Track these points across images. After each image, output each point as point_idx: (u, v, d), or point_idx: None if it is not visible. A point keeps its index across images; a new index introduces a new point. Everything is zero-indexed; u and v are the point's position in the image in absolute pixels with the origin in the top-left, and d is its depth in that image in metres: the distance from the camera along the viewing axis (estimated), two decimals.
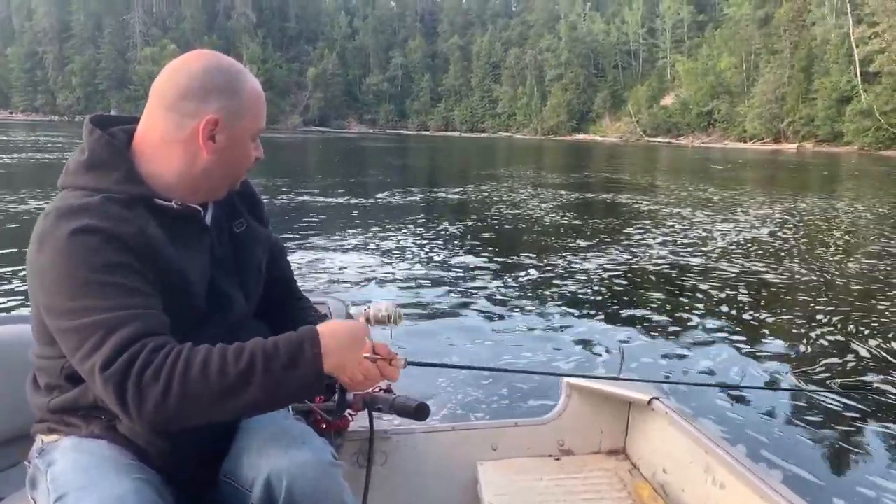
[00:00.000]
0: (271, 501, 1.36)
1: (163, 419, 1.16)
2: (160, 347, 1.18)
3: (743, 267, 9.04)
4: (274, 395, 1.20)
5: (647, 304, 6.95)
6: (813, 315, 6.60)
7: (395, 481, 2.07)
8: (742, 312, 6.71)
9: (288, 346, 1.21)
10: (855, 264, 9.43)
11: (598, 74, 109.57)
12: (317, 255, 9.03)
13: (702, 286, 7.79)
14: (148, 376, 1.14)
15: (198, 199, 1.41)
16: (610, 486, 2.04)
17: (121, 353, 1.15)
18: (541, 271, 8.42)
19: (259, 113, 1.40)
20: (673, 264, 9.13)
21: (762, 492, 1.51)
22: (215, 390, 1.16)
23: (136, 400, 1.14)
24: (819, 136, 67.26)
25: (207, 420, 1.20)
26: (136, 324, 1.19)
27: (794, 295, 7.49)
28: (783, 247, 10.82)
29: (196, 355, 1.18)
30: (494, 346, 5.48)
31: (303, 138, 68.05)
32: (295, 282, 1.74)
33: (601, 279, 8.06)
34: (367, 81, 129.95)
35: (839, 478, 3.52)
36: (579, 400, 2.20)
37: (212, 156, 1.35)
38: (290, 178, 21.29)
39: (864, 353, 5.41)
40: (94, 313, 1.18)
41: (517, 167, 31.45)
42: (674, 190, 21.10)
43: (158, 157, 1.35)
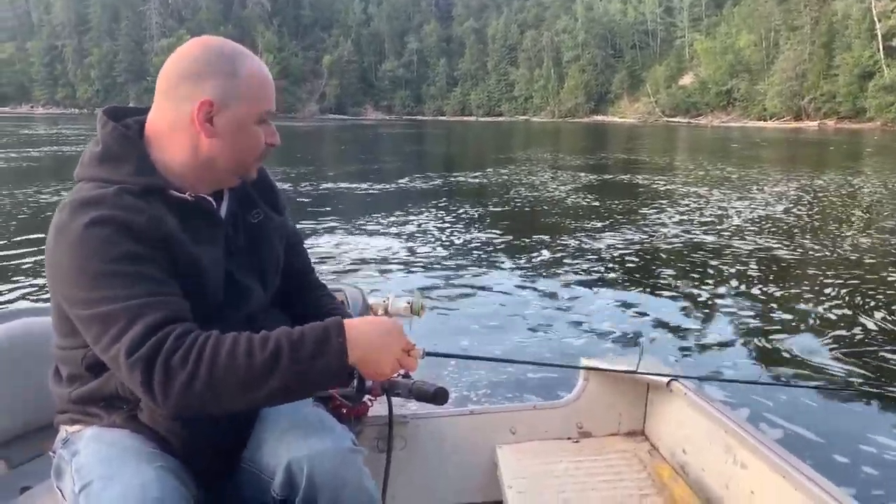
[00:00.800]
0: (292, 489, 1.37)
1: (188, 405, 1.17)
2: (186, 333, 1.19)
3: (762, 246, 9.02)
4: (299, 383, 1.20)
5: (666, 286, 6.96)
6: (838, 299, 6.53)
7: (415, 466, 2.09)
8: (764, 295, 6.67)
9: (314, 335, 1.22)
10: (877, 243, 9.37)
11: (615, 55, 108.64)
12: (335, 241, 9.12)
13: (721, 268, 7.78)
14: (175, 361, 1.15)
15: (208, 189, 1.41)
16: (629, 467, 2.04)
17: (147, 338, 1.16)
18: (558, 255, 8.45)
19: (261, 95, 1.37)
20: (691, 245, 9.13)
21: (785, 471, 1.51)
22: (241, 377, 1.17)
23: (163, 385, 1.15)
24: (841, 112, 66.44)
25: (232, 408, 1.21)
26: (160, 310, 1.19)
27: (823, 278, 7.38)
28: (807, 225, 10.78)
29: (223, 342, 1.18)
30: (512, 331, 5.50)
31: (320, 126, 68.23)
32: (313, 271, 1.75)
33: (619, 261, 8.09)
34: (383, 67, 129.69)
35: (860, 467, 3.46)
36: (597, 382, 2.20)
37: (213, 140, 1.34)
38: (309, 165, 21.43)
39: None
40: (116, 301, 1.19)
41: (535, 150, 31.35)
42: (692, 170, 21.00)
43: (166, 145, 1.36)
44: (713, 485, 1.84)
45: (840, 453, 3.54)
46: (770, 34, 79.73)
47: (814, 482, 1.43)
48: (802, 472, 1.47)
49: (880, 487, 3.27)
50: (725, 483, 1.78)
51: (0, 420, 1.68)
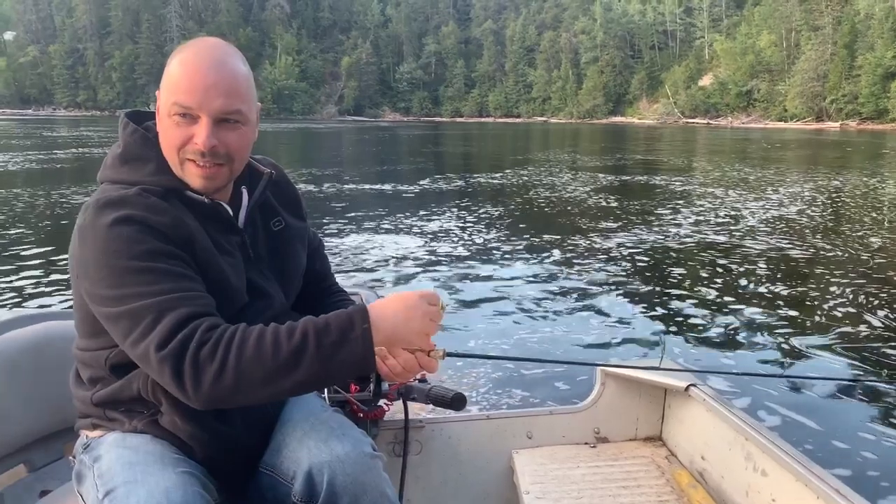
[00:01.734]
0: (313, 494, 1.38)
1: (219, 397, 1.18)
2: (214, 327, 1.20)
3: (780, 247, 8.98)
4: (326, 370, 1.20)
5: (684, 288, 6.96)
6: (857, 297, 6.54)
7: (431, 470, 2.08)
8: (782, 294, 6.67)
9: (338, 322, 1.22)
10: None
11: (634, 56, 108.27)
12: (355, 242, 9.18)
13: (737, 269, 7.77)
14: (204, 354, 1.16)
15: (212, 195, 1.39)
16: (647, 473, 2.03)
17: (176, 332, 1.17)
18: (576, 256, 8.47)
19: (175, 85, 1.30)
20: (708, 246, 9.10)
21: (806, 479, 1.48)
22: (270, 367, 1.17)
23: (193, 378, 1.16)
24: (863, 113, 65.78)
25: (261, 398, 1.21)
26: (187, 305, 1.21)
27: (839, 276, 7.39)
28: (827, 227, 10.73)
29: (250, 333, 1.19)
30: (530, 333, 5.49)
31: (338, 128, 68.54)
32: (332, 276, 1.76)
33: (636, 263, 8.09)
34: (401, 69, 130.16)
35: (883, 470, 3.42)
36: (614, 387, 2.18)
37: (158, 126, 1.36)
38: (329, 166, 21.55)
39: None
40: (142, 298, 1.20)
41: (553, 152, 31.35)
42: (709, 171, 20.91)
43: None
44: (733, 492, 1.81)
45: (864, 456, 3.50)
46: (791, 34, 79.08)
47: (836, 491, 1.40)
48: (825, 480, 1.45)
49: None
50: (745, 490, 1.76)
51: (21, 423, 1.69)
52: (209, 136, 1.29)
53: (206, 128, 1.29)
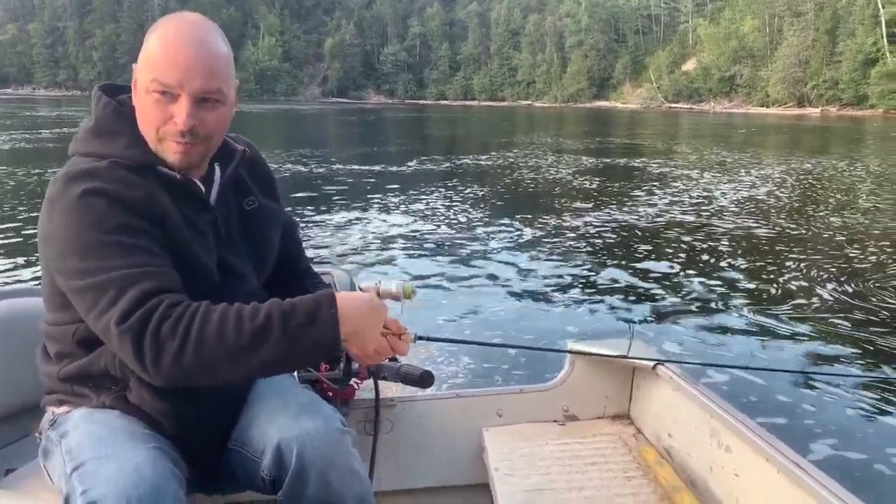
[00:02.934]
0: (282, 469, 1.38)
1: (179, 374, 1.17)
2: (177, 303, 1.19)
3: (748, 227, 9.34)
4: (289, 353, 1.20)
5: (655, 268, 7.16)
6: (819, 276, 6.79)
7: (401, 448, 2.10)
8: (747, 273, 6.93)
9: (305, 305, 1.22)
10: (853, 223, 9.72)
11: (618, 40, 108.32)
12: (335, 223, 9.34)
13: (708, 247, 8.07)
14: (165, 330, 1.15)
15: (185, 171, 1.38)
16: (615, 450, 2.05)
17: (138, 307, 1.16)
18: (552, 237, 8.68)
19: (154, 63, 1.28)
20: (682, 228, 9.40)
21: (768, 454, 1.53)
22: (232, 346, 1.16)
23: (153, 354, 1.15)
24: (843, 99, 66.47)
25: (222, 378, 1.21)
26: (152, 280, 1.20)
27: (803, 256, 7.69)
28: (793, 207, 11.13)
29: (213, 311, 1.18)
30: (503, 315, 5.58)
31: (322, 110, 68.16)
32: (305, 258, 1.76)
33: (610, 244, 8.35)
34: (385, 51, 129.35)
35: (843, 444, 3.53)
36: (583, 366, 2.21)
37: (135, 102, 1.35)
38: (312, 148, 21.62)
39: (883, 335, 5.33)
40: (108, 271, 1.19)
41: (537, 135, 31.50)
42: (688, 154, 21.29)
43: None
44: (698, 468, 1.84)
45: (823, 436, 3.62)
46: (774, 20, 79.54)
47: (796, 464, 1.44)
48: (785, 454, 1.49)
49: (861, 469, 3.31)
50: (709, 466, 1.79)
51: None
52: (189, 115, 1.29)
53: (186, 107, 1.28)
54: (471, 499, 2.13)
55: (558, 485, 1.86)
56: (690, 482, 1.84)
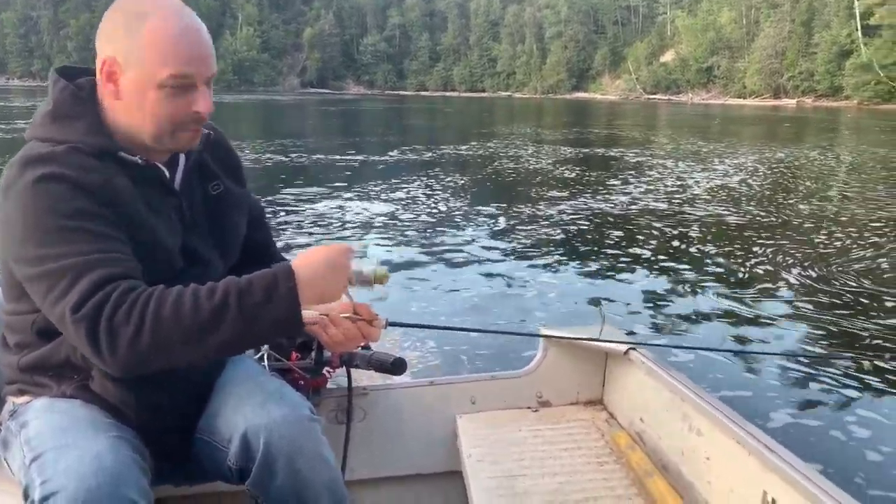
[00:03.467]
0: (249, 457, 1.36)
1: (136, 361, 1.14)
2: (132, 289, 1.15)
3: (719, 215, 9.53)
4: (248, 332, 1.17)
5: (628, 256, 7.29)
6: (786, 262, 6.97)
7: (375, 437, 2.08)
8: (717, 258, 7.10)
9: (262, 281, 1.18)
10: (818, 210, 9.92)
11: (597, 31, 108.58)
12: (309, 212, 9.36)
13: (680, 237, 8.21)
14: (120, 317, 1.12)
15: (157, 157, 1.36)
16: (587, 435, 2.06)
17: (92, 294, 1.13)
18: (526, 225, 8.78)
19: (167, 56, 1.25)
20: (654, 214, 9.57)
21: (739, 437, 1.54)
22: (188, 328, 1.13)
23: (109, 342, 1.12)
24: (819, 91, 67.19)
25: (182, 362, 1.18)
26: (108, 267, 1.17)
27: (774, 246, 7.81)
28: (769, 196, 11.33)
29: (168, 294, 1.15)
30: (477, 301, 5.65)
31: (301, 100, 67.73)
32: (274, 244, 1.73)
33: (585, 232, 8.46)
34: (365, 42, 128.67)
35: (814, 433, 3.58)
36: (556, 352, 2.21)
37: (120, 101, 1.29)
38: (291, 138, 21.57)
39: (849, 315, 5.44)
40: (63, 258, 1.16)
41: (517, 126, 31.64)
42: (664, 144, 21.54)
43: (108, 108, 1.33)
44: (669, 452, 1.86)
45: (793, 417, 3.72)
46: (751, 11, 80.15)
47: (767, 447, 1.46)
48: (756, 437, 1.50)
49: (830, 450, 3.37)
50: (681, 450, 1.80)
51: None
52: (210, 100, 1.32)
53: (206, 93, 1.30)
54: (444, 486, 2.13)
55: (531, 471, 1.87)
56: (662, 466, 1.86)
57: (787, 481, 1.36)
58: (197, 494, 1.74)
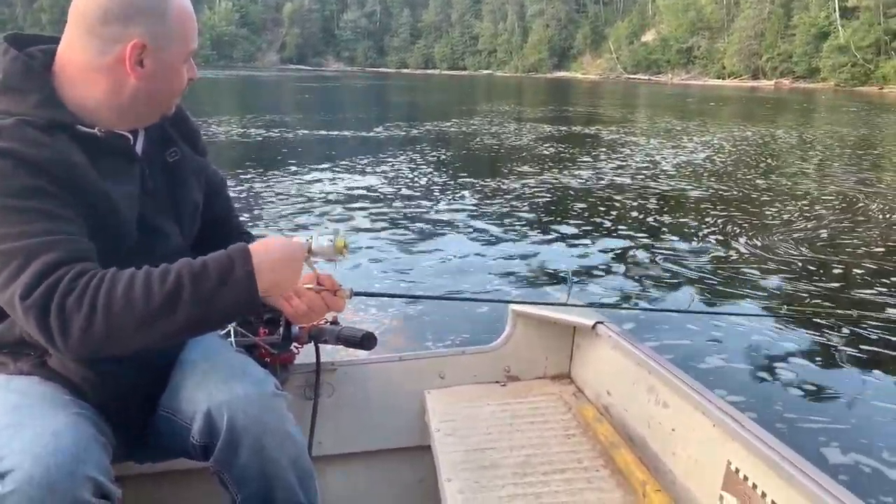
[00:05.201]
0: (212, 434, 1.35)
1: (89, 347, 1.11)
2: (83, 273, 1.12)
3: (682, 189, 9.97)
4: (204, 316, 1.15)
5: (597, 227, 7.55)
6: (739, 231, 7.39)
7: (343, 412, 2.07)
8: (688, 234, 7.34)
9: (217, 264, 1.16)
10: (775, 184, 10.28)
11: (579, 10, 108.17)
12: (283, 187, 9.46)
13: (648, 208, 8.58)
14: (71, 303, 1.09)
15: (125, 126, 1.34)
16: (555, 409, 2.08)
17: (41, 280, 1.10)
18: (496, 198, 9.01)
19: (188, 34, 1.32)
20: (621, 188, 9.96)
21: (704, 408, 1.56)
22: (142, 314, 1.11)
23: (60, 328, 1.09)
24: (796, 72, 67.61)
25: (138, 346, 1.15)
26: (57, 250, 1.13)
27: (731, 217, 8.17)
28: (731, 172, 11.78)
29: (120, 279, 1.12)
30: (443, 274, 5.71)
31: (281, 77, 67.18)
32: (236, 216, 1.70)
33: (552, 204, 8.73)
34: (345, 17, 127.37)
35: (775, 397, 3.71)
36: (525, 327, 2.22)
37: (140, 82, 1.28)
38: (272, 114, 21.48)
39: (810, 276, 5.77)
40: (11, 239, 1.12)
41: (497, 104, 31.68)
42: (639, 123, 21.98)
43: (81, 82, 1.28)
44: (636, 424, 1.88)
45: (757, 383, 3.85)
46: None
47: (731, 416, 1.48)
48: (721, 408, 1.52)
49: (790, 411, 3.49)
50: (647, 422, 1.83)
51: None
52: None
53: (193, 63, 1.37)
54: (413, 461, 2.14)
55: (499, 444, 1.89)
56: (629, 438, 1.88)
57: (750, 451, 1.39)
58: (160, 472, 1.73)
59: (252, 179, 9.96)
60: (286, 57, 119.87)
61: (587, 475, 1.75)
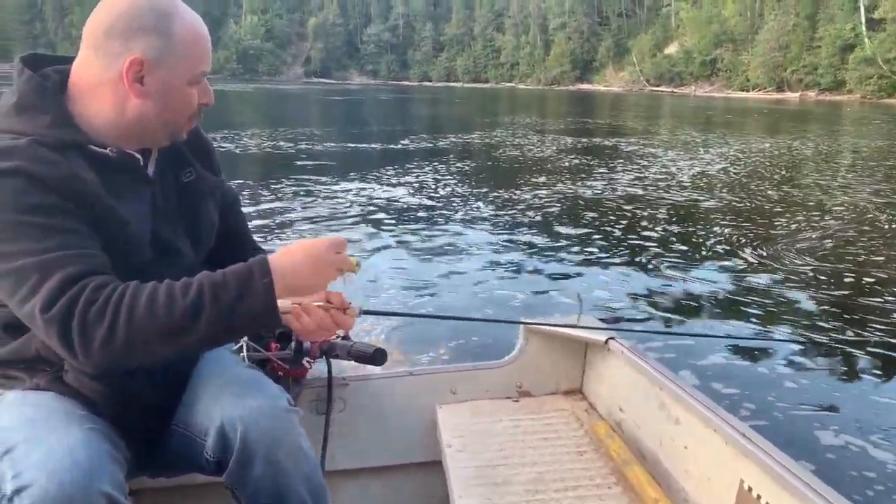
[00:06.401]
0: (226, 449, 1.36)
1: (111, 359, 1.13)
2: (103, 286, 1.13)
3: (696, 201, 9.90)
4: (224, 328, 1.17)
5: (611, 242, 7.44)
6: (745, 247, 7.22)
7: (355, 427, 2.07)
8: (705, 250, 7.18)
9: (236, 277, 1.17)
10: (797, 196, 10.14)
11: (601, 23, 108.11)
12: (306, 201, 9.49)
13: (664, 223, 8.45)
14: (92, 315, 1.10)
15: (136, 146, 1.35)
16: (567, 425, 2.07)
17: (62, 293, 1.11)
18: (513, 213, 8.92)
19: (196, 55, 1.31)
20: (635, 200, 9.85)
21: (716, 425, 1.55)
22: (163, 326, 1.12)
23: (82, 340, 1.10)
24: (822, 84, 66.94)
25: (159, 357, 1.17)
26: (76, 264, 1.14)
27: (748, 233, 8.01)
28: (744, 184, 11.67)
29: (142, 291, 1.14)
30: (456, 289, 5.66)
31: (305, 90, 67.60)
32: (249, 233, 1.71)
33: (568, 217, 8.68)
34: (368, 31, 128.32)
35: (789, 416, 3.64)
36: (537, 342, 2.22)
37: (141, 100, 1.28)
38: (296, 127, 21.66)
39: (829, 301, 5.57)
40: (29, 255, 1.13)
41: (520, 116, 31.73)
42: (659, 135, 21.79)
43: (90, 100, 1.30)
44: (648, 441, 1.88)
45: (770, 404, 3.77)
46: (755, 4, 79.82)
47: (743, 435, 1.47)
48: (733, 426, 1.51)
49: (806, 437, 3.42)
50: (660, 439, 1.82)
51: None
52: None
53: (208, 84, 1.37)
54: (424, 476, 2.13)
55: (510, 460, 1.88)
56: (641, 455, 1.87)
57: (763, 469, 1.38)
58: (173, 486, 1.75)
59: (279, 190, 10.05)
60: (310, 70, 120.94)
61: (599, 492, 1.74)
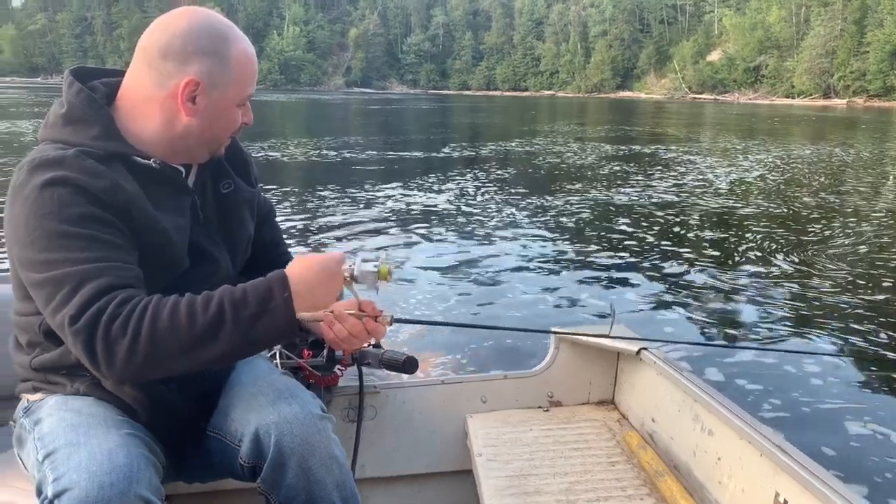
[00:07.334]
0: (260, 455, 1.37)
1: (133, 373, 1.15)
2: (128, 300, 1.15)
3: (732, 209, 9.65)
4: (245, 343, 1.18)
5: (644, 249, 7.29)
6: (778, 253, 7.05)
7: (385, 435, 2.08)
8: (739, 258, 7.00)
9: (256, 292, 1.19)
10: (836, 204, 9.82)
11: (643, 30, 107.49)
12: (342, 206, 9.50)
13: (699, 230, 8.28)
14: (115, 329, 1.12)
15: (178, 160, 1.39)
16: (598, 435, 2.05)
17: (89, 305, 1.13)
18: (544, 218, 8.86)
19: (246, 80, 1.35)
20: (673, 208, 9.65)
21: (750, 437, 1.53)
22: (184, 341, 1.14)
23: (105, 354, 1.13)
24: (870, 90, 65.55)
25: (179, 371, 1.19)
26: (106, 276, 1.17)
27: (788, 242, 7.76)
28: (782, 191, 11.46)
29: (164, 306, 1.15)
30: (488, 298, 5.59)
31: (346, 99, 68.28)
32: (284, 244, 1.75)
33: (600, 228, 8.48)
34: (409, 41, 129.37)
35: (827, 432, 3.54)
36: (568, 352, 2.21)
37: (191, 118, 1.32)
38: (338, 136, 21.86)
39: (872, 316, 5.36)
40: (64, 265, 1.16)
41: (559, 124, 31.65)
42: (699, 142, 21.46)
43: (138, 114, 1.33)
44: (681, 452, 1.85)
45: (806, 416, 3.69)
46: (801, 10, 78.54)
47: (779, 447, 1.45)
48: (767, 437, 1.49)
49: (843, 450, 3.33)
50: (693, 450, 1.79)
51: None
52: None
53: (249, 104, 1.42)
54: (454, 485, 2.13)
55: (541, 470, 1.86)
56: (674, 466, 1.85)
57: (798, 482, 1.36)
58: (208, 491, 1.77)
59: (323, 197, 10.13)
60: (351, 80, 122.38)
61: (631, 503, 1.73)
